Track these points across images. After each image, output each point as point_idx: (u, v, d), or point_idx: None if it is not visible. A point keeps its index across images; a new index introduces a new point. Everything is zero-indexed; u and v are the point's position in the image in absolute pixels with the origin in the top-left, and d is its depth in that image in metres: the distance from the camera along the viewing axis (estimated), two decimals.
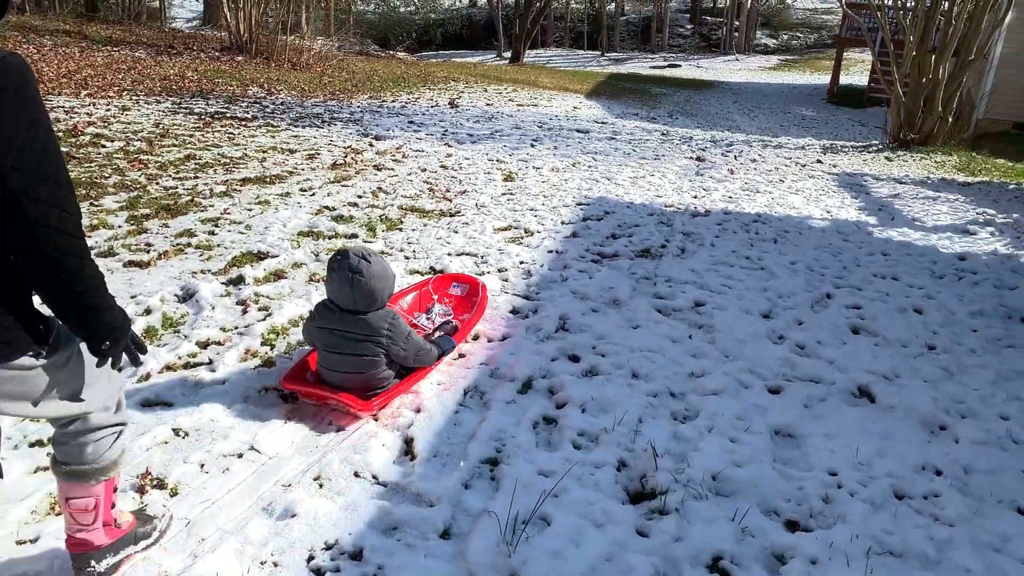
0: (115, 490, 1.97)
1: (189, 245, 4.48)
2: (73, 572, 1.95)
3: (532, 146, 8.77)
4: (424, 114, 10.50)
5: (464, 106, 11.86)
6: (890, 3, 13.80)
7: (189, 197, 5.32)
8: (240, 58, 14.00)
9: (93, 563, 1.94)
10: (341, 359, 2.86)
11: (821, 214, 6.80)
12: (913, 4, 11.46)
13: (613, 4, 40.51)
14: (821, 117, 19.21)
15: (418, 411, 3.02)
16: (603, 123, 11.86)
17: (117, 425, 1.89)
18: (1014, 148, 14.65)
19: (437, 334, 3.37)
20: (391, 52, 22.72)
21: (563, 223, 5.78)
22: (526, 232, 5.33)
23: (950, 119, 11.04)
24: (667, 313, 4.23)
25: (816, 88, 25.55)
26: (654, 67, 34.47)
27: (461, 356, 3.49)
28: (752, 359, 3.71)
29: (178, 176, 5.79)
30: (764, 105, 20.42)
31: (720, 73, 31.47)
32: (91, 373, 1.74)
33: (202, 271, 4.13)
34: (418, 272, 4.45)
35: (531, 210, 6.06)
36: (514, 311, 4.07)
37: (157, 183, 5.58)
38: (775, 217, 6.45)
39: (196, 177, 5.81)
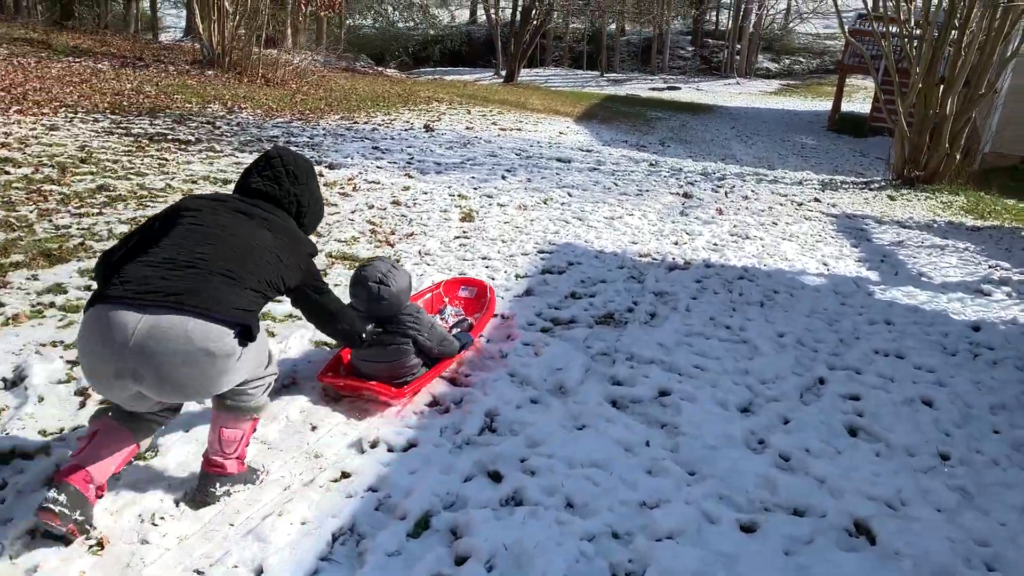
0: (254, 431, 2.49)
1: (52, 306, 3.71)
2: (196, 488, 2.42)
3: (503, 178, 8.06)
4: (394, 138, 9.80)
5: (441, 130, 11.18)
6: (895, 30, 13.15)
7: (80, 239, 4.56)
8: (211, 72, 13.31)
9: (217, 485, 2.41)
10: (372, 351, 3.21)
11: (817, 267, 6.06)
12: (920, 32, 10.78)
13: (614, 24, 40.03)
14: (821, 146, 18.65)
15: (260, 573, 2.23)
16: (588, 151, 11.19)
17: (269, 375, 2.44)
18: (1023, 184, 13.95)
19: (455, 331, 3.68)
20: (380, 69, 22.07)
21: (518, 276, 5.03)
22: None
23: (957, 156, 10.33)
24: (623, 406, 3.46)
25: (817, 115, 25.02)
26: (653, 89, 34.05)
27: (345, 476, 2.73)
28: (723, 478, 2.95)
29: (79, 212, 5.03)
30: (763, 132, 19.88)
31: (720, 97, 30.97)
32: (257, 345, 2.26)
33: (53, 343, 3.35)
34: (326, 344, 3.68)
35: (484, 259, 5.32)
36: (433, 403, 3.30)
37: (49, 220, 4.82)
38: (764, 272, 5.70)
39: (100, 213, 5.06)
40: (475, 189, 7.43)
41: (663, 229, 6.79)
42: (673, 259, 5.84)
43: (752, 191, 9.19)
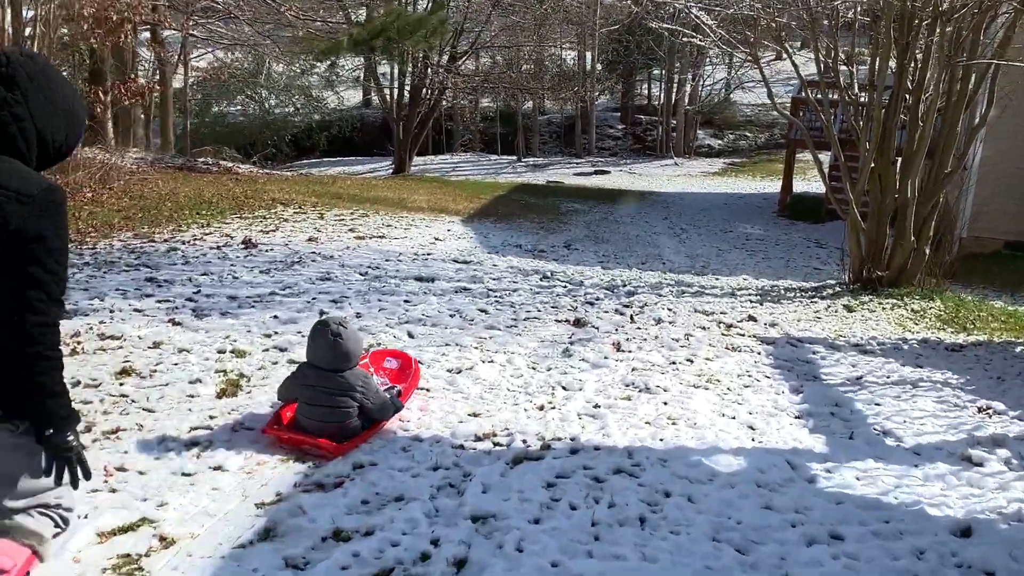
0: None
1: None
2: None
3: (323, 315, 6.89)
4: (189, 262, 8.66)
5: (269, 244, 10.12)
6: (836, 98, 12.87)
7: None
8: None
9: None
10: (320, 410, 4.32)
11: (736, 437, 5.00)
12: (867, 99, 10.35)
13: (530, 103, 40.54)
14: (770, 236, 18.53)
15: None
16: (465, 263, 10.31)
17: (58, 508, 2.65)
18: (1011, 274, 13.54)
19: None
20: (231, 165, 21.11)
21: (259, 506, 3.74)
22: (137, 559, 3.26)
23: (926, 249, 9.71)
24: None
25: (766, 198, 25.30)
26: (579, 174, 34.28)
27: None
28: None
29: None
30: (701, 222, 19.75)
31: (655, 181, 31.30)
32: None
33: None
34: None
35: (216, 469, 4.02)
36: None
37: None
38: (657, 456, 4.57)
39: None
40: (267, 337, 6.25)
41: (530, 382, 5.75)
42: (525, 442, 4.67)
43: (669, 310, 8.36)
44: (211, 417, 4.68)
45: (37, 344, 2.23)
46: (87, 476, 2.43)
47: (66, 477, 2.38)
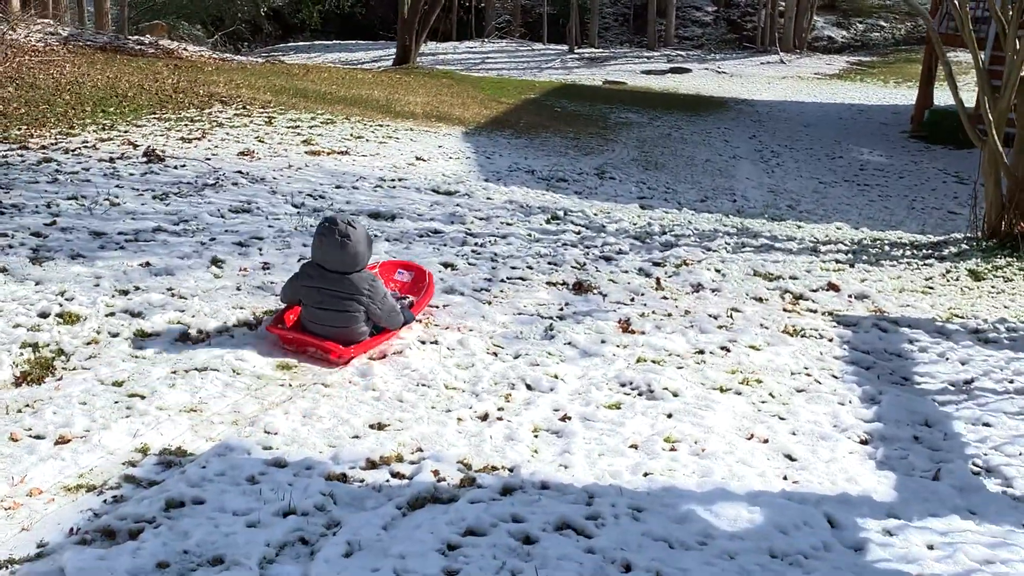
0: None
1: None
2: None
3: (216, 265, 6.49)
4: (59, 180, 8.42)
5: (180, 158, 9.80)
6: None
7: None
8: None
9: None
10: (326, 314, 5.26)
11: (762, 472, 4.51)
12: None
13: None
14: (894, 165, 17.94)
15: None
16: (448, 194, 9.98)
17: None
18: None
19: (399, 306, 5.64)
20: (176, 45, 20.69)
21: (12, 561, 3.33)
22: None
23: None
24: None
25: (897, 112, 24.58)
26: (649, 72, 33.65)
27: None
28: None
29: None
30: (801, 144, 19.28)
31: (750, 84, 30.59)
32: None
33: None
34: None
35: None
36: None
37: None
38: (630, 502, 4.09)
39: None
40: (120, 295, 5.83)
41: (480, 378, 5.31)
42: (439, 473, 4.17)
43: (717, 271, 7.95)
44: None
45: None
46: None
47: None
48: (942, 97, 23.20)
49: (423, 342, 5.73)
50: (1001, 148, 9.51)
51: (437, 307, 6.34)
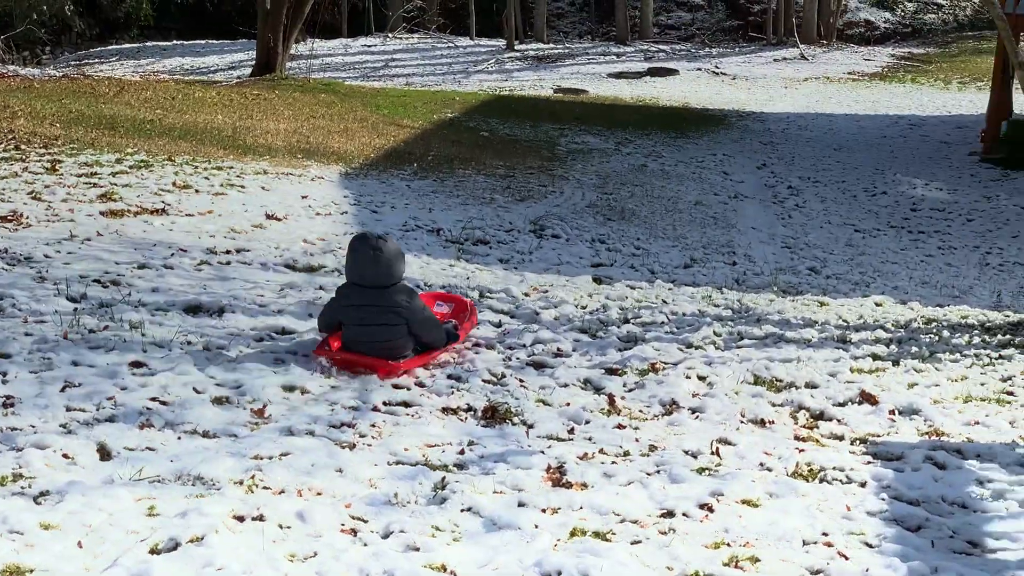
0: None
1: None
2: None
3: None
4: None
5: None
6: None
7: None
8: None
9: None
10: (367, 330, 7.33)
11: None
12: None
13: None
14: (959, 203, 18.32)
15: None
16: (310, 271, 10.32)
17: None
18: None
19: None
20: None
21: None
22: None
23: None
24: None
25: (965, 125, 24.98)
26: (618, 75, 34.13)
27: None
28: None
29: None
30: (829, 174, 19.78)
31: (759, 90, 31.32)
32: None
33: None
34: None
35: None
36: None
37: None
38: None
39: None
40: None
41: None
42: None
43: (701, 379, 8.15)
44: None
45: None
46: None
47: None
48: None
49: (240, 518, 5.39)
50: None
51: (272, 458, 6.07)
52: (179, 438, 6.42)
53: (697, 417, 7.34)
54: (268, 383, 7.26)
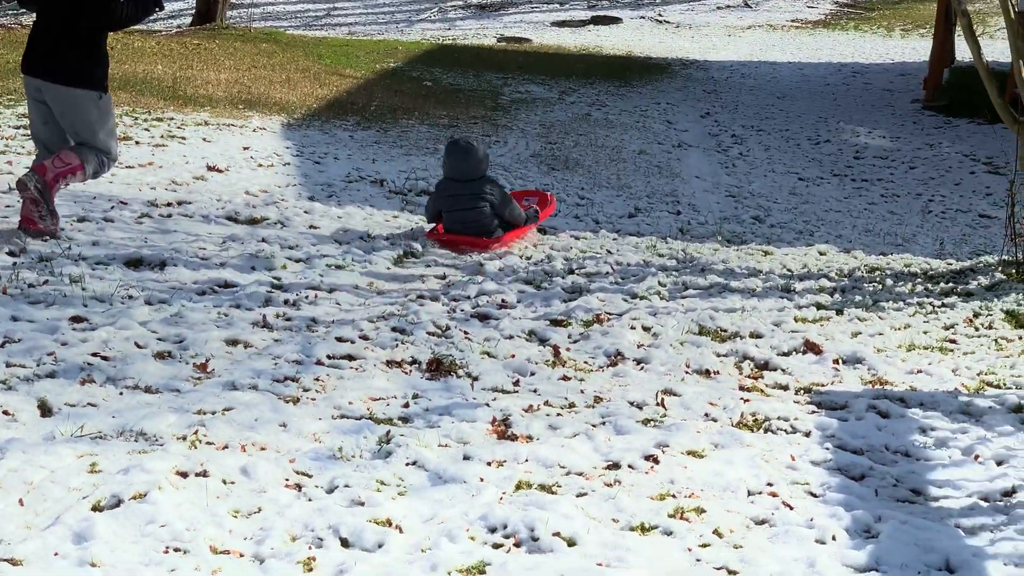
0: (66, 182, 8.90)
1: None
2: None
3: None
4: None
5: None
6: None
7: None
8: None
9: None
10: (461, 214, 10.28)
11: None
12: None
13: None
14: (902, 152, 18.44)
15: None
16: (252, 223, 10.31)
17: (106, 153, 9.14)
18: None
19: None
20: None
21: None
22: None
23: None
24: None
25: (908, 72, 25.21)
26: (561, 24, 34.07)
27: None
28: None
29: None
30: (774, 123, 19.93)
31: (702, 37, 31.41)
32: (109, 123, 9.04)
33: None
34: None
35: None
36: None
37: None
38: None
39: None
40: None
41: (267, 532, 4.99)
42: None
43: (646, 330, 8.13)
44: None
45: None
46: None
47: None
48: (963, 54, 23.67)
49: (183, 474, 5.34)
50: None
51: (215, 413, 6.03)
52: (121, 393, 6.35)
53: (642, 368, 7.34)
54: (211, 337, 7.22)
